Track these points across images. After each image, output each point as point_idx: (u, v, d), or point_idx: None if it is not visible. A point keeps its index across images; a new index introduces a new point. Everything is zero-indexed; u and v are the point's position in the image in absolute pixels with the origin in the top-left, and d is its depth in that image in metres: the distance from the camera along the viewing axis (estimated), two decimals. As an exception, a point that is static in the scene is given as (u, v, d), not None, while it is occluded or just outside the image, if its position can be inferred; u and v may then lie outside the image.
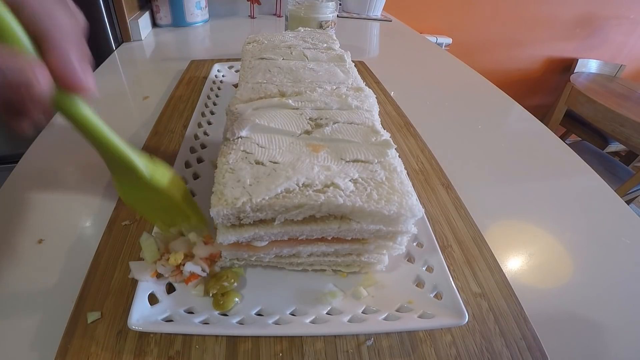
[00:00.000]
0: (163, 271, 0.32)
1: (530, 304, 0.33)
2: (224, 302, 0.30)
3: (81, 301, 0.31)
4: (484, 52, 1.96)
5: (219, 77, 0.71)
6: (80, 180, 0.47)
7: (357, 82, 0.44)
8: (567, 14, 1.89)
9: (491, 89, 0.83)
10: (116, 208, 0.40)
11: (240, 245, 0.31)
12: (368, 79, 0.77)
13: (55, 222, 0.41)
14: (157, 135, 0.54)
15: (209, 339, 0.29)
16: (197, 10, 1.08)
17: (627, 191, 1.35)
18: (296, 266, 0.34)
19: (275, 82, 0.42)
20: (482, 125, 0.66)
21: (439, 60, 1.01)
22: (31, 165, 0.49)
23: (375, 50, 1.08)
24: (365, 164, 0.31)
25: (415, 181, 0.48)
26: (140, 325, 0.28)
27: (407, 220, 0.28)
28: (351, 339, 0.30)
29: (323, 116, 0.36)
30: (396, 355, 0.29)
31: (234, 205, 0.26)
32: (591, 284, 0.38)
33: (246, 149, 0.32)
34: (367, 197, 0.27)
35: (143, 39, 0.97)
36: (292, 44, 0.52)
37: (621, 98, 1.62)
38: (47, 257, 0.36)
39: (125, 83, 0.75)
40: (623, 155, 1.85)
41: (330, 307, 0.31)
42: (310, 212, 0.28)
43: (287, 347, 0.29)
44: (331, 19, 0.81)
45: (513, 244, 0.42)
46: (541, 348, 0.30)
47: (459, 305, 0.30)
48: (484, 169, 0.54)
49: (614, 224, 0.46)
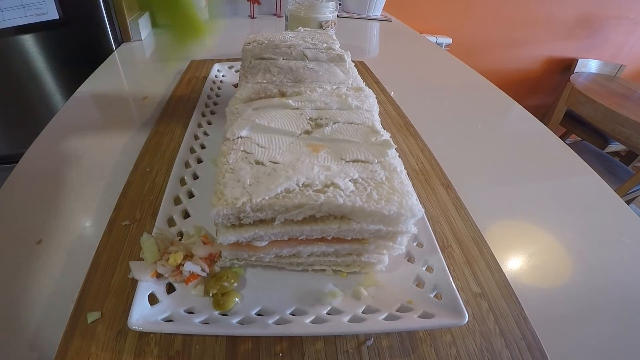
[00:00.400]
0: (163, 271, 0.32)
1: (530, 304, 0.33)
2: (224, 302, 0.30)
3: (81, 301, 0.31)
4: (484, 52, 1.96)
5: (219, 77, 0.71)
6: (80, 180, 0.47)
7: (357, 82, 0.44)
8: (567, 14, 1.89)
9: (491, 89, 0.83)
10: (116, 208, 0.40)
11: (240, 245, 0.31)
12: (368, 79, 0.77)
13: (55, 222, 0.41)
14: (157, 135, 0.54)
15: (209, 339, 0.29)
16: (197, 10, 1.08)
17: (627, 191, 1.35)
18: (296, 266, 0.34)
19: (275, 82, 0.42)
20: (482, 125, 0.66)
21: (439, 60, 1.01)
22: (31, 165, 0.49)
23: (375, 50, 1.08)
24: (365, 164, 0.31)
25: (415, 181, 0.48)
26: (140, 325, 0.28)
27: (407, 220, 0.28)
28: (351, 339, 0.30)
29: (323, 116, 0.36)
30: (396, 355, 0.29)
31: (234, 205, 0.26)
32: (591, 284, 0.38)
33: (246, 149, 0.32)
34: (367, 197, 0.27)
35: (143, 39, 0.97)
36: (292, 44, 0.52)
37: (621, 98, 1.62)
38: (47, 257, 0.36)
39: (125, 83, 0.75)
40: (623, 155, 1.85)
41: (330, 307, 0.31)
42: (310, 212, 0.28)
43: (287, 347, 0.29)
44: (331, 19, 0.81)
45: (513, 244, 0.42)
46: (541, 348, 0.30)
47: (459, 305, 0.30)
48: (484, 169, 0.54)
49: (614, 224, 0.46)
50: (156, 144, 0.52)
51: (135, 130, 0.57)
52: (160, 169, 0.47)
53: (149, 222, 0.39)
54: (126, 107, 0.66)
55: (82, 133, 0.57)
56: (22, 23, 0.76)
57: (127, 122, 0.60)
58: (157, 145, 0.52)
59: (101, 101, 0.67)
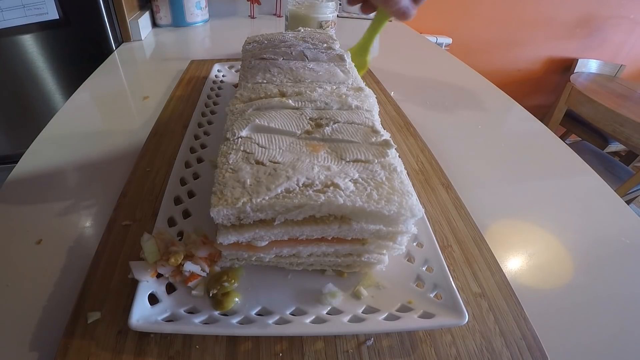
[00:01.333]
0: (163, 271, 0.32)
1: (530, 304, 0.33)
2: (224, 302, 0.30)
3: (81, 301, 0.31)
4: (484, 52, 1.96)
5: (219, 77, 0.71)
6: (80, 180, 0.47)
7: (357, 82, 0.44)
8: (567, 14, 1.89)
9: (491, 89, 0.83)
10: (116, 208, 0.40)
11: (241, 245, 0.31)
12: (368, 79, 0.77)
13: (55, 222, 0.41)
14: (157, 135, 0.54)
15: (209, 339, 0.29)
16: (197, 10, 1.08)
17: (627, 191, 1.35)
18: (296, 266, 0.34)
19: (276, 82, 0.42)
20: (482, 125, 0.66)
21: (439, 60, 1.01)
22: (31, 165, 0.49)
23: (375, 50, 1.08)
24: (365, 164, 0.31)
25: (415, 181, 0.48)
26: (140, 325, 0.28)
27: (407, 220, 0.28)
28: (351, 339, 0.30)
29: (323, 116, 0.36)
30: (396, 355, 0.29)
31: (234, 205, 0.26)
32: (591, 283, 0.38)
33: (246, 149, 0.32)
34: (367, 197, 0.27)
35: (143, 39, 0.97)
36: (292, 44, 0.52)
37: (621, 98, 1.62)
38: (47, 257, 0.36)
39: (125, 83, 0.75)
40: (623, 155, 1.85)
41: (330, 307, 0.31)
42: (311, 212, 0.28)
43: (287, 347, 0.29)
44: (331, 19, 0.81)
45: (513, 244, 0.42)
46: (541, 348, 0.30)
47: (459, 305, 0.30)
48: (484, 169, 0.54)
49: (614, 224, 0.46)
50: (156, 144, 0.52)
51: (135, 130, 0.57)
52: (160, 169, 0.47)
53: (149, 222, 0.39)
54: (126, 107, 0.66)
55: (82, 133, 0.57)
56: (22, 23, 0.76)
57: (127, 122, 0.60)
58: (157, 145, 0.52)
59: (101, 101, 0.67)
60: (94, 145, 0.54)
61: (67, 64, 0.86)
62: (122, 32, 0.92)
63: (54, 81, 0.86)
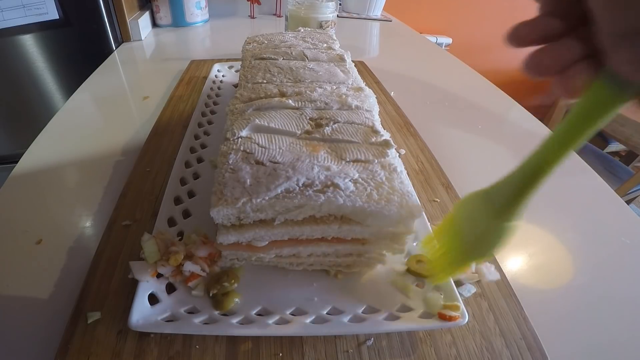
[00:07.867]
0: (163, 271, 0.31)
1: (530, 304, 0.33)
2: (224, 302, 0.30)
3: (81, 301, 0.31)
4: (484, 52, 1.96)
5: (219, 77, 0.71)
6: (80, 180, 0.47)
7: (357, 82, 0.44)
8: (567, 14, 1.89)
9: (491, 89, 0.83)
10: (116, 208, 0.40)
11: (241, 246, 0.31)
12: (368, 79, 0.77)
13: (55, 222, 0.41)
14: (157, 135, 0.54)
15: (209, 339, 0.29)
16: (197, 10, 1.08)
17: (627, 191, 1.35)
18: (296, 266, 0.34)
19: (276, 82, 0.42)
20: (482, 125, 0.66)
21: (439, 60, 1.01)
22: (31, 165, 0.49)
23: (375, 50, 1.08)
24: (365, 164, 0.31)
25: (415, 181, 0.48)
26: (140, 325, 0.28)
27: (407, 220, 0.28)
28: (351, 339, 0.30)
29: (323, 116, 0.36)
30: (396, 355, 0.29)
31: (234, 205, 0.26)
32: (591, 283, 0.38)
33: (246, 149, 0.32)
34: (367, 197, 0.27)
35: (143, 39, 0.97)
36: (292, 44, 0.52)
37: (621, 98, 1.62)
38: (47, 257, 0.36)
39: (125, 83, 0.75)
40: (623, 155, 1.85)
41: (331, 307, 0.31)
42: (311, 212, 0.28)
43: (287, 347, 0.29)
44: (331, 19, 0.81)
45: (513, 244, 0.42)
46: (541, 348, 0.30)
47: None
48: (484, 169, 0.54)
49: (614, 224, 0.46)
50: (156, 144, 0.52)
51: (135, 130, 0.57)
52: (160, 169, 0.47)
53: (149, 222, 0.39)
54: (126, 107, 0.66)
55: (82, 133, 0.57)
56: (22, 23, 0.76)
57: (127, 122, 0.60)
58: (157, 145, 0.52)
59: (101, 101, 0.67)
60: (94, 145, 0.54)
61: (67, 64, 0.86)
62: (122, 32, 0.92)
63: (54, 81, 0.86)
